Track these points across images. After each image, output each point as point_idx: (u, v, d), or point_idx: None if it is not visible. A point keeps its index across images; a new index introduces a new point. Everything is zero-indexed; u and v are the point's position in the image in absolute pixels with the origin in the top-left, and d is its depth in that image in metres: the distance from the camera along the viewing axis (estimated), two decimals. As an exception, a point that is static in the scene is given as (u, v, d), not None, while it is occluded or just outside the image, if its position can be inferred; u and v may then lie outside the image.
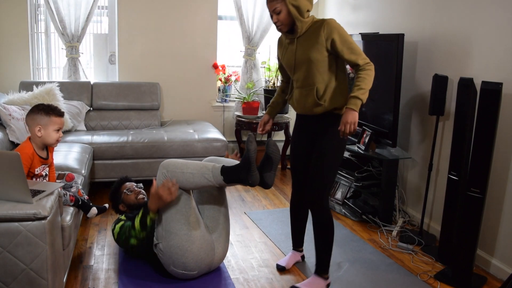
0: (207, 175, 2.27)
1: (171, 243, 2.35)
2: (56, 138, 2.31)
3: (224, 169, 2.27)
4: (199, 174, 2.27)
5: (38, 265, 1.91)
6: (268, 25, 4.77)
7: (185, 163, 2.33)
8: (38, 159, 2.26)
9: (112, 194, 2.81)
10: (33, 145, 2.27)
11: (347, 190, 3.73)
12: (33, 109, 2.29)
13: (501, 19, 2.60)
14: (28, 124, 2.28)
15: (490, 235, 2.71)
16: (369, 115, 3.54)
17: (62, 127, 2.33)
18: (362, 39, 3.56)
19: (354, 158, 3.61)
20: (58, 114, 2.31)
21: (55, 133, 2.30)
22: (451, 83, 2.95)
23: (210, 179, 2.27)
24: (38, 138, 2.27)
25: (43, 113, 2.27)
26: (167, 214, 2.34)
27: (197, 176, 2.28)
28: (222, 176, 2.25)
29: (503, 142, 2.61)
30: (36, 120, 2.25)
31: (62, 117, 2.33)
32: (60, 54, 4.46)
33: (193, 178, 2.28)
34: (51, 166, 2.44)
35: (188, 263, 2.38)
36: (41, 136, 2.27)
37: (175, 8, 4.56)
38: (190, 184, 2.30)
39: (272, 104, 2.68)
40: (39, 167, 2.29)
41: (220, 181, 2.26)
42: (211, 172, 2.26)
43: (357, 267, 2.70)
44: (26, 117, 2.30)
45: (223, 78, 4.90)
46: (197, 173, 2.28)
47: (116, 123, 4.26)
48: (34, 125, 2.25)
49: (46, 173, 2.36)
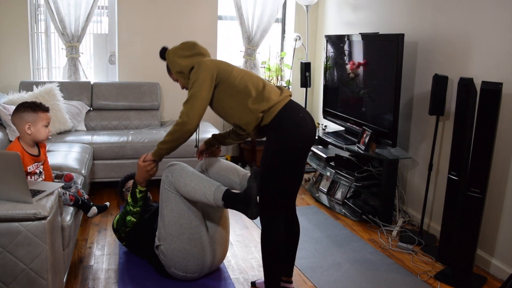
0: (208, 195, 2.21)
1: (173, 246, 2.34)
2: (46, 134, 2.33)
3: (226, 194, 2.18)
4: (201, 193, 2.22)
5: (38, 265, 1.91)
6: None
7: (190, 174, 2.28)
8: (29, 157, 2.26)
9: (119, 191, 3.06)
10: (22, 144, 2.27)
11: (347, 190, 3.73)
12: (18, 108, 2.28)
13: (501, 19, 2.60)
14: (16, 124, 2.27)
15: (490, 235, 2.71)
16: (369, 115, 3.54)
17: (49, 122, 2.36)
18: (362, 39, 3.56)
19: (354, 158, 3.61)
20: (44, 109, 2.32)
21: (45, 129, 2.31)
22: (451, 83, 2.95)
23: (210, 199, 2.21)
24: (28, 135, 2.27)
25: (30, 110, 2.27)
26: (169, 216, 2.33)
27: (198, 192, 2.23)
28: (222, 201, 2.18)
29: (503, 142, 2.61)
30: (24, 118, 2.25)
31: (48, 112, 2.35)
32: (60, 54, 4.46)
33: (194, 193, 2.24)
34: (46, 163, 2.44)
35: (190, 266, 2.38)
36: (32, 133, 2.27)
37: (175, 8, 4.55)
38: (190, 197, 2.28)
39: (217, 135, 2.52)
40: (32, 165, 2.29)
41: (220, 205, 2.20)
42: (213, 194, 2.20)
43: (357, 267, 2.70)
44: (13, 116, 2.28)
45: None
46: (199, 190, 2.22)
47: (116, 123, 4.26)
48: (23, 123, 2.25)
49: (40, 170, 2.36)
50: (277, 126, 2.06)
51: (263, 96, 2.09)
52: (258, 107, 2.07)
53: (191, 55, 2.25)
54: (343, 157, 3.68)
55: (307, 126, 2.08)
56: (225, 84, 2.13)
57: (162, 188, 2.35)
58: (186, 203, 2.33)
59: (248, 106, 2.08)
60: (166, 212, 2.34)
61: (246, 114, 2.10)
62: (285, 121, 2.06)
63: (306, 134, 2.07)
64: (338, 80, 4.00)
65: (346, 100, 3.91)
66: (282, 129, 2.05)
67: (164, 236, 2.35)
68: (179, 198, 2.31)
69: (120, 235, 2.64)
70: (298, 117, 2.08)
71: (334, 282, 2.52)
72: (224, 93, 2.14)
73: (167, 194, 2.33)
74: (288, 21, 5.15)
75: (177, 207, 2.32)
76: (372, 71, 3.50)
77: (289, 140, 2.03)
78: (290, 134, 2.04)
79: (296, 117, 2.07)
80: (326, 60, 4.19)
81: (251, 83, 2.13)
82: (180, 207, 2.32)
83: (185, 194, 2.28)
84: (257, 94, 2.10)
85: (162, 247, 2.37)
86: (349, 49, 3.79)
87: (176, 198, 2.31)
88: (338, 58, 3.99)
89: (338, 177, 3.64)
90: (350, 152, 3.58)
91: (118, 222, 2.61)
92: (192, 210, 2.34)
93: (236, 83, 2.12)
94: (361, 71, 3.63)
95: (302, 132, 2.06)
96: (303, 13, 4.82)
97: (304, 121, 2.08)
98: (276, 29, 5.14)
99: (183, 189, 2.27)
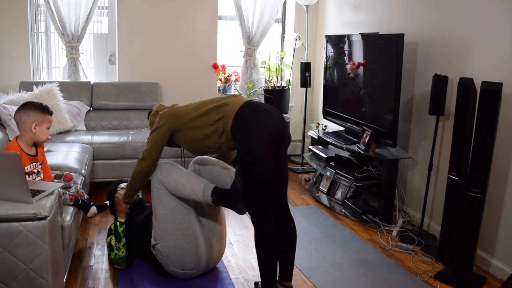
0: (197, 191, 2.26)
1: (168, 244, 2.35)
2: (47, 136, 2.38)
3: (215, 191, 2.25)
4: (190, 189, 2.28)
5: (38, 265, 1.91)
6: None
7: (179, 171, 2.34)
8: (26, 157, 2.27)
9: (108, 194, 2.85)
10: (20, 144, 2.28)
11: (347, 190, 3.73)
12: (27, 106, 2.30)
13: (501, 19, 2.60)
14: (21, 120, 2.28)
15: (490, 235, 2.71)
16: (369, 115, 3.54)
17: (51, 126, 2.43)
18: (362, 39, 3.56)
19: (354, 158, 3.61)
20: (50, 113, 2.39)
21: (47, 131, 2.37)
22: (451, 83, 2.95)
23: (199, 196, 2.26)
24: (32, 134, 2.28)
25: (39, 111, 2.31)
26: (163, 213, 2.35)
27: (187, 189, 2.28)
28: (212, 197, 2.24)
29: (503, 142, 2.61)
30: (31, 117, 2.28)
31: (51, 116, 2.42)
32: (60, 54, 4.46)
33: (183, 190, 2.29)
34: (44, 163, 2.44)
35: (187, 262, 2.38)
36: (36, 133, 2.29)
37: (175, 8, 4.55)
38: (179, 194, 2.32)
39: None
40: (29, 165, 2.29)
41: (209, 201, 2.25)
42: (202, 191, 2.25)
43: (357, 267, 2.70)
44: (19, 113, 2.29)
45: (223, 78, 4.90)
46: (189, 187, 2.28)
47: (116, 123, 4.26)
48: (30, 121, 2.27)
49: (38, 170, 2.37)
50: (240, 123, 2.12)
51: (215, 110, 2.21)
52: (209, 120, 2.20)
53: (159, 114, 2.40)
54: (343, 157, 3.68)
55: (270, 118, 2.12)
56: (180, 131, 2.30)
57: (153, 186, 2.38)
58: (177, 199, 2.36)
59: (206, 123, 2.21)
60: (159, 209, 2.36)
61: (207, 131, 2.21)
62: (246, 117, 2.12)
63: (269, 125, 2.09)
64: (338, 80, 4.00)
65: (346, 100, 3.91)
66: (245, 125, 2.10)
67: (160, 234, 2.37)
68: (170, 194, 2.35)
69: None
70: (259, 111, 2.13)
71: (334, 282, 2.52)
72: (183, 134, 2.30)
73: (158, 192, 2.37)
74: (288, 21, 5.15)
75: (169, 203, 2.35)
76: (372, 71, 3.50)
77: (252, 132, 2.08)
78: (252, 127, 2.08)
79: (256, 112, 2.13)
80: (326, 60, 4.19)
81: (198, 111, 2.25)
82: (172, 203, 2.35)
83: (175, 191, 2.32)
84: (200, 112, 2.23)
85: (159, 245, 2.38)
86: (349, 49, 3.79)
87: (167, 194, 2.35)
88: (338, 58, 3.99)
89: (338, 177, 3.64)
90: (350, 152, 3.58)
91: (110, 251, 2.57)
92: (184, 206, 2.37)
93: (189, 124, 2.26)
94: (361, 71, 3.63)
95: (265, 123, 2.09)
96: (303, 13, 4.82)
97: (265, 114, 2.12)
98: (276, 29, 5.14)
99: (173, 186, 2.31)
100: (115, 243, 2.51)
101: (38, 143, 2.37)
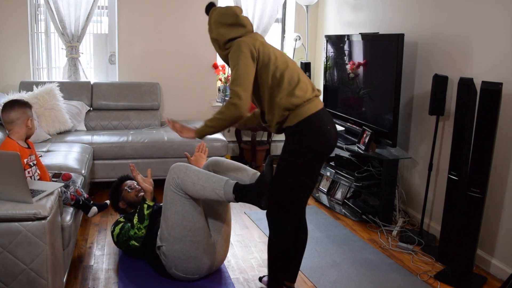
0: (218, 191, 2.17)
1: (175, 248, 2.33)
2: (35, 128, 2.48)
3: (236, 188, 2.15)
4: (211, 189, 2.18)
5: (38, 265, 1.91)
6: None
7: (196, 173, 2.24)
8: (25, 150, 2.32)
9: (112, 191, 2.82)
10: (15, 140, 2.31)
11: (347, 190, 3.73)
12: (18, 103, 2.36)
13: (501, 19, 2.60)
14: (17, 118, 2.32)
15: (490, 235, 2.71)
16: (369, 115, 3.54)
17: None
18: (362, 39, 3.56)
19: (354, 158, 3.61)
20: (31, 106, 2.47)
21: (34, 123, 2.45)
22: (451, 83, 2.95)
23: (220, 195, 2.17)
24: (28, 129, 2.35)
25: (28, 106, 2.39)
26: (173, 218, 2.31)
27: (208, 190, 2.19)
28: (234, 194, 2.15)
29: (503, 142, 2.61)
30: (26, 113, 2.35)
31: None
32: (60, 54, 4.46)
33: (204, 191, 2.20)
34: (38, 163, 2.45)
35: (191, 268, 2.38)
36: (31, 127, 2.37)
37: (175, 8, 4.55)
38: (200, 196, 2.24)
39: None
40: (28, 157, 2.33)
41: (231, 199, 2.17)
42: (223, 189, 2.17)
43: (357, 267, 2.70)
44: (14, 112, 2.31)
45: (223, 78, 4.90)
46: (209, 187, 2.18)
47: (116, 123, 4.26)
48: (25, 118, 2.34)
49: (34, 163, 2.37)
50: (303, 131, 2.03)
51: (293, 93, 2.02)
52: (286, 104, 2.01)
53: (231, 24, 2.13)
54: (343, 157, 3.68)
55: (331, 139, 2.08)
56: (261, 70, 2.05)
57: (167, 189, 2.31)
58: (191, 205, 2.30)
59: (275, 101, 2.03)
60: (170, 214, 2.31)
61: (272, 107, 2.05)
62: (311, 129, 2.02)
63: (328, 146, 2.07)
64: (338, 80, 4.00)
65: (346, 100, 3.91)
66: (307, 136, 2.02)
67: (167, 238, 2.34)
68: (185, 199, 2.28)
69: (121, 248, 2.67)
70: (325, 129, 2.05)
71: (334, 282, 2.52)
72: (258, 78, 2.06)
73: (172, 196, 2.30)
74: (288, 21, 5.15)
75: (182, 209, 2.29)
76: (372, 71, 3.50)
77: (311, 146, 2.02)
78: (313, 142, 2.02)
79: (323, 129, 2.04)
80: (326, 60, 4.19)
81: (287, 76, 2.04)
82: (185, 209, 2.29)
83: (194, 193, 2.24)
84: (289, 91, 2.02)
85: (164, 248, 2.36)
86: (349, 49, 3.79)
87: (181, 200, 2.28)
88: (338, 58, 3.99)
89: (338, 177, 3.64)
90: (350, 152, 3.58)
91: (119, 241, 2.58)
92: (197, 212, 2.32)
93: (272, 71, 2.03)
94: (361, 71, 3.63)
95: (325, 144, 2.05)
96: (303, 13, 4.82)
97: (329, 134, 2.07)
98: (276, 29, 5.14)
99: (192, 188, 2.22)
100: (137, 222, 2.42)
101: (30, 136, 2.42)
